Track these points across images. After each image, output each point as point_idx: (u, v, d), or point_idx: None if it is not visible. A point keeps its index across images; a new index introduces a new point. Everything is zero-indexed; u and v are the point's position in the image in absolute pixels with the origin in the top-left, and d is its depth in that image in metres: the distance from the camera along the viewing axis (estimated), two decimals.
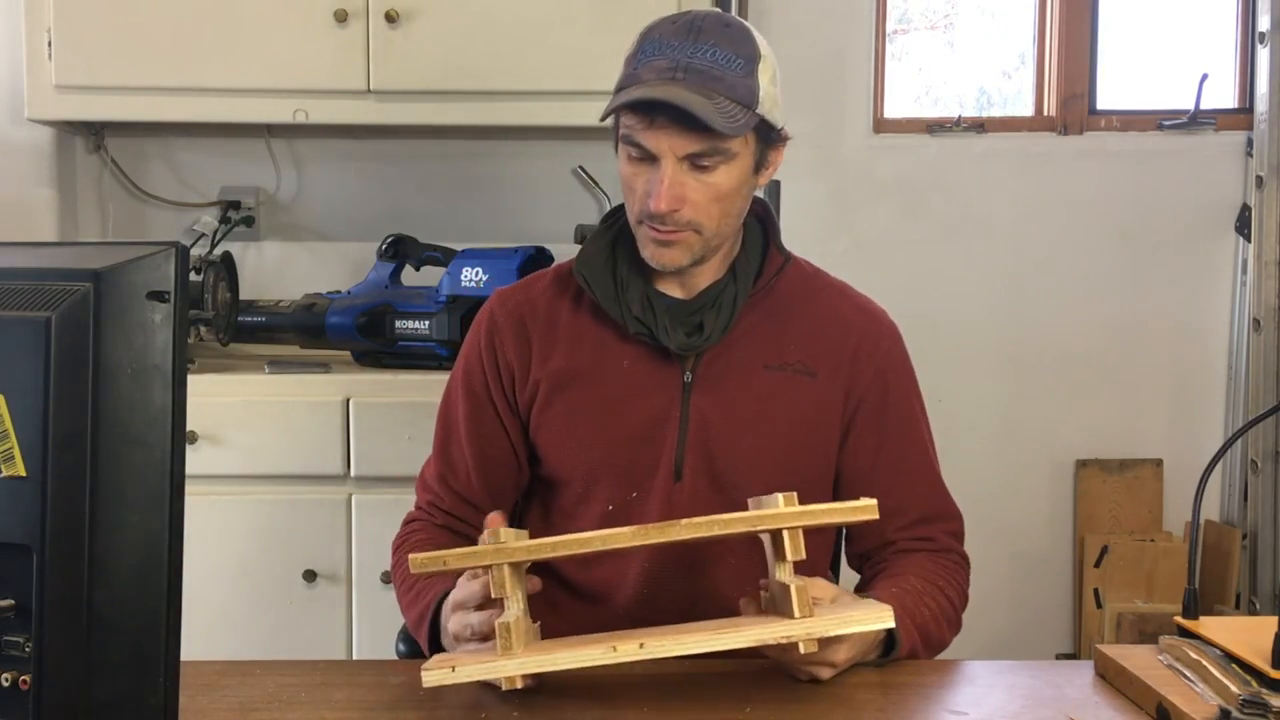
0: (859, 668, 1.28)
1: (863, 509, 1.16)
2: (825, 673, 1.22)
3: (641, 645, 1.11)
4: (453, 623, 1.27)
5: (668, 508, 1.43)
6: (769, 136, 1.40)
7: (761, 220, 1.51)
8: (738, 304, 1.43)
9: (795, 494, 1.15)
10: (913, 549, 1.45)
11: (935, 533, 1.47)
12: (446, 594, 1.33)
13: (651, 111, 1.32)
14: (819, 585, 1.22)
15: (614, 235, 1.49)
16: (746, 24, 1.41)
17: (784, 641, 1.12)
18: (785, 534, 1.14)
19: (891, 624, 1.14)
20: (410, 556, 1.16)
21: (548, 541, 1.15)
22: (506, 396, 1.50)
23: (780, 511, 1.14)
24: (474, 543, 1.49)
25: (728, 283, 1.45)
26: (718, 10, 1.41)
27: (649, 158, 1.35)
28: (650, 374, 1.45)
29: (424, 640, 1.38)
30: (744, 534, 1.18)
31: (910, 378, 1.52)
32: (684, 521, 1.14)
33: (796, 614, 1.12)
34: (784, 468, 1.44)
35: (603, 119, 1.39)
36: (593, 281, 1.45)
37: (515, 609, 1.16)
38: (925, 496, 1.49)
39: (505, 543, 1.15)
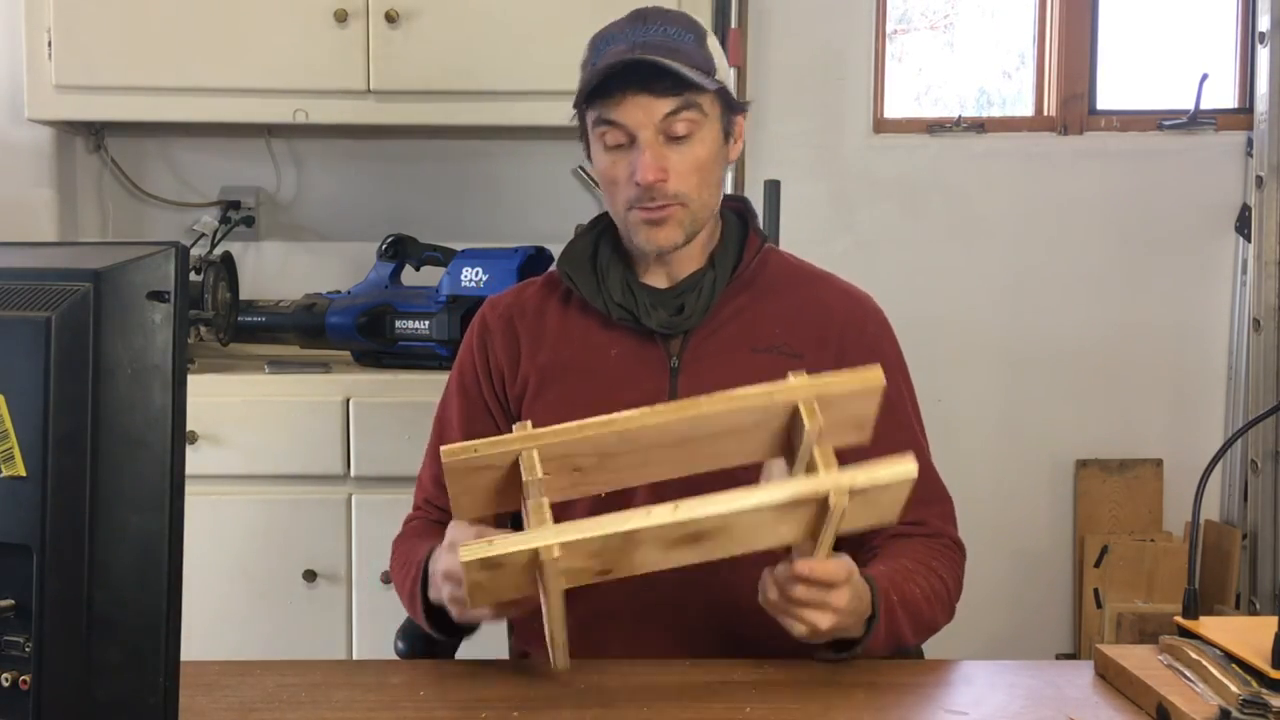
0: (857, 665, 1.28)
1: (870, 378, 1.21)
2: (825, 620, 1.21)
3: (676, 508, 1.12)
4: (444, 561, 1.27)
5: (657, 491, 1.42)
6: (731, 104, 1.46)
7: (741, 215, 1.54)
8: (717, 288, 1.47)
9: (804, 371, 1.20)
10: (906, 534, 1.44)
11: (927, 516, 1.46)
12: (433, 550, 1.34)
13: (623, 84, 1.37)
14: (831, 566, 1.21)
15: (597, 234, 1.53)
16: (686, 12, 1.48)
17: (815, 495, 1.13)
18: (801, 406, 1.17)
19: (914, 471, 1.15)
20: (442, 448, 1.17)
21: (574, 425, 1.18)
22: (498, 396, 1.52)
23: (791, 385, 1.19)
24: None
25: (707, 270, 1.49)
26: (655, 6, 1.46)
27: (626, 142, 1.41)
28: (637, 361, 1.47)
29: (419, 610, 1.37)
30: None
31: (898, 361, 1.52)
32: (703, 398, 1.20)
33: (823, 471, 1.15)
34: None
35: (575, 107, 1.45)
36: (575, 275, 1.49)
37: (541, 496, 1.16)
38: (919, 479, 1.48)
39: (533, 430, 1.18)
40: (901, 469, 1.16)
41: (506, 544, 1.11)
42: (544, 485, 1.16)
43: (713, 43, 1.44)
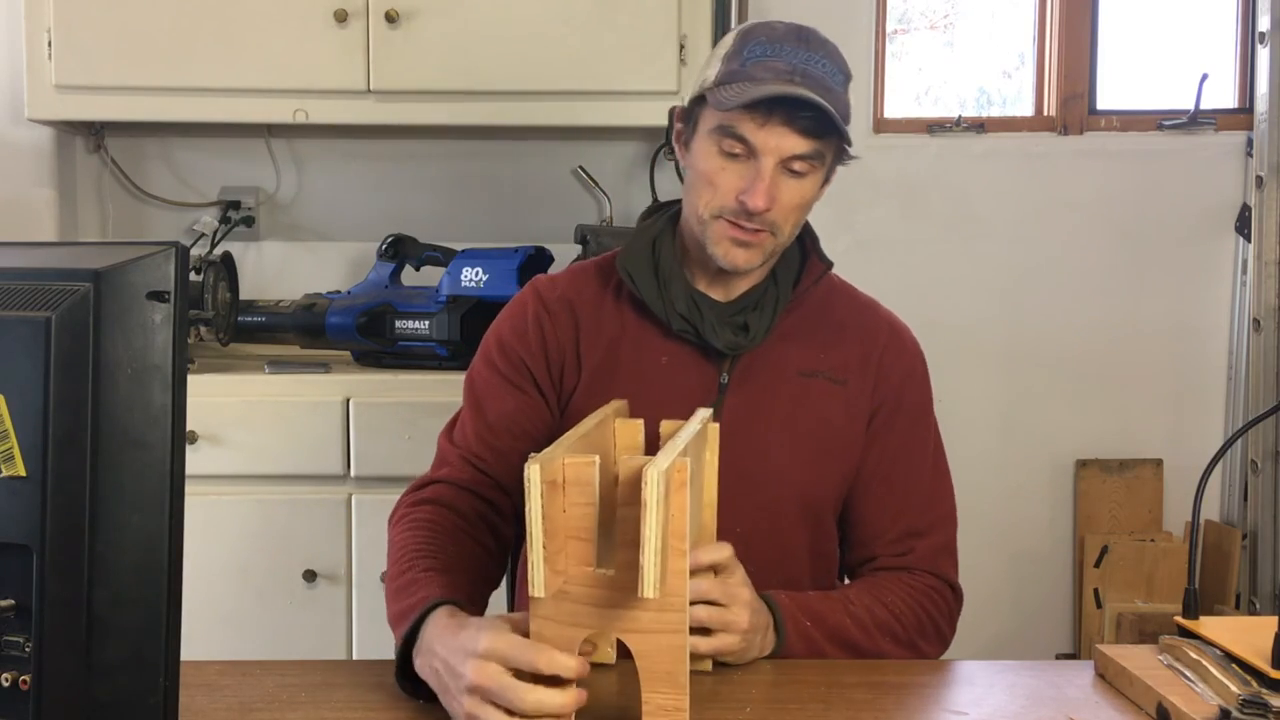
0: (857, 665, 1.28)
1: None
2: (730, 641, 1.21)
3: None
4: (475, 672, 1.06)
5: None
6: (842, 155, 1.44)
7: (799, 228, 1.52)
8: (779, 306, 1.46)
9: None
10: (891, 566, 1.45)
11: (916, 546, 1.45)
12: (439, 603, 1.19)
13: (771, 108, 1.34)
14: (715, 549, 1.21)
15: (655, 234, 1.49)
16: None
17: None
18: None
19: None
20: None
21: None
22: (551, 375, 1.48)
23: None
24: (494, 535, 1.42)
25: (768, 286, 1.47)
26: (812, 27, 1.43)
27: (745, 155, 1.37)
28: (688, 373, 1.45)
29: (399, 641, 1.22)
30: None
31: (926, 398, 1.53)
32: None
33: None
34: (813, 471, 1.45)
35: (727, 109, 1.36)
36: (637, 278, 1.45)
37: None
38: (916, 512, 1.48)
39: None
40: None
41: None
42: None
43: (852, 87, 1.42)
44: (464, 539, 1.39)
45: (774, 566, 1.41)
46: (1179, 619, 1.25)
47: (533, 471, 1.00)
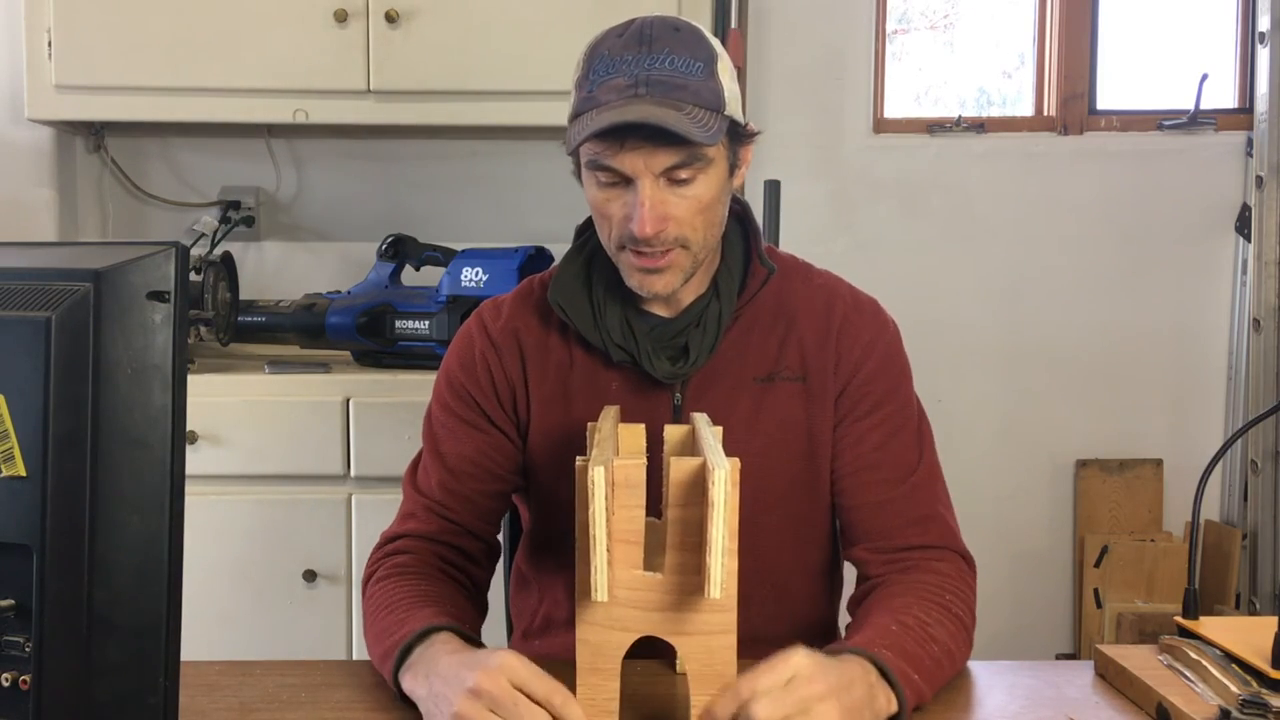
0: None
1: None
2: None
3: None
4: (483, 678, 1.05)
5: None
6: (738, 135, 1.34)
7: (741, 221, 1.44)
8: (722, 322, 1.38)
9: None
10: (905, 552, 1.35)
11: (926, 528, 1.37)
12: (431, 629, 1.19)
13: (620, 134, 1.25)
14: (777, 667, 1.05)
15: (588, 256, 1.42)
16: (695, 24, 1.34)
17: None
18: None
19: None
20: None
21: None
22: (504, 409, 1.44)
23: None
24: (470, 580, 1.40)
25: (710, 299, 1.39)
26: (662, 15, 1.33)
27: (622, 181, 1.29)
28: (640, 398, 1.39)
29: (388, 675, 1.20)
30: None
31: (897, 367, 1.43)
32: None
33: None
34: (785, 479, 1.39)
35: (570, 151, 1.33)
36: (569, 309, 1.39)
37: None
38: (912, 489, 1.39)
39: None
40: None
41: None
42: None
43: (723, 66, 1.29)
44: (444, 580, 1.36)
45: (764, 593, 1.36)
46: (1179, 619, 1.25)
47: (597, 475, 0.99)
